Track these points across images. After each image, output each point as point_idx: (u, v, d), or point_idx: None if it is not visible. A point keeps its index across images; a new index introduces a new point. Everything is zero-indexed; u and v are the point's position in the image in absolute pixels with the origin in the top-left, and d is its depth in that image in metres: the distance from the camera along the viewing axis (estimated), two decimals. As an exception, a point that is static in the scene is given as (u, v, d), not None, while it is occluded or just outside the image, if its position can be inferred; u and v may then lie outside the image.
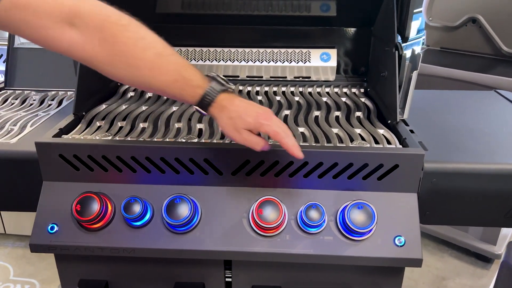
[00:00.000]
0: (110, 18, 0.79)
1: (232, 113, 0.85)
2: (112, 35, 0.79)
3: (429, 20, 2.15)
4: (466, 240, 2.32)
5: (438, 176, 0.99)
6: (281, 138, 0.85)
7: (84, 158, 1.00)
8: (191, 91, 0.84)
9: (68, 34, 0.78)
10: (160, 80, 0.83)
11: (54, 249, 1.00)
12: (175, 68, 0.83)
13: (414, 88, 1.14)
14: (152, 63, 0.81)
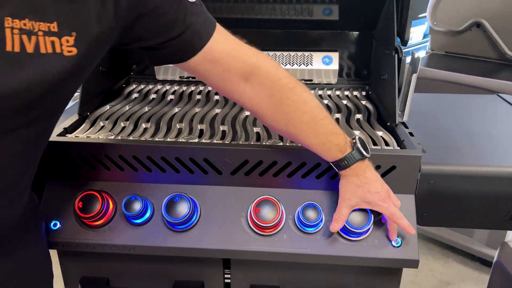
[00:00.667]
0: (281, 81, 0.88)
1: (359, 183, 0.92)
2: (280, 96, 0.88)
3: (433, 24, 2.15)
4: (471, 245, 2.31)
5: (435, 178, 1.00)
6: (397, 219, 0.93)
7: (87, 156, 1.02)
8: (334, 154, 0.92)
9: (243, 87, 0.88)
10: (310, 141, 0.92)
11: (56, 246, 1.02)
12: (325, 133, 0.91)
13: (413, 91, 1.15)
14: (307, 126, 0.90)
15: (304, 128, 0.90)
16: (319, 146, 0.92)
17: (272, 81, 0.88)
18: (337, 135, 0.92)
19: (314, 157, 0.98)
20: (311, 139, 0.91)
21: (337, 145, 0.91)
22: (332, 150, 0.91)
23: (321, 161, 0.99)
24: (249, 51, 0.88)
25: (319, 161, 0.99)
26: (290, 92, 0.89)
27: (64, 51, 0.64)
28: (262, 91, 0.88)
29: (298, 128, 0.90)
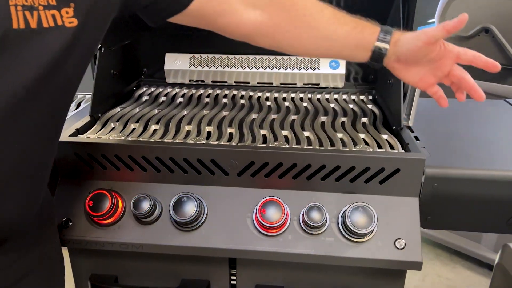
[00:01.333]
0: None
1: (411, 34, 0.86)
2: (292, 3, 0.86)
3: (442, 30, 2.16)
4: (478, 251, 2.30)
5: (439, 181, 1.01)
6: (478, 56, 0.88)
7: (98, 157, 1.05)
8: (370, 30, 0.86)
9: (254, 15, 0.85)
10: (341, 31, 0.86)
11: (67, 243, 1.05)
12: (350, 19, 0.87)
13: (419, 95, 1.16)
14: (331, 19, 0.86)
15: (330, 22, 0.86)
16: (353, 31, 0.86)
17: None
18: (360, 18, 0.88)
19: (319, 159, 1.00)
20: (342, 28, 0.86)
21: (367, 22, 0.87)
22: (367, 27, 0.86)
23: (326, 163, 1.01)
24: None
25: (324, 163, 1.01)
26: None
27: (65, 22, 0.65)
28: (273, 8, 0.85)
29: (324, 26, 0.86)
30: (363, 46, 0.88)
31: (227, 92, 1.50)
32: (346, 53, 0.92)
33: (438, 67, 0.89)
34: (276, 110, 1.35)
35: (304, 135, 1.16)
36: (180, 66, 1.55)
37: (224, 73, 1.54)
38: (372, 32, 0.87)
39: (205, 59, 1.54)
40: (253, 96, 1.47)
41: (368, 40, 0.87)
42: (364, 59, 0.90)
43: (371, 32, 0.87)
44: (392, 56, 0.88)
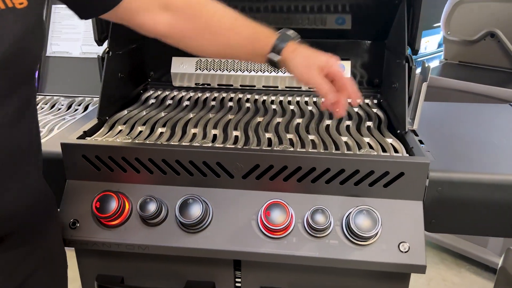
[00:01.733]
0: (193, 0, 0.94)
1: (305, 52, 0.94)
2: (198, 10, 0.94)
3: (447, 34, 2.16)
4: (484, 255, 2.29)
5: (443, 185, 1.02)
6: (345, 79, 0.95)
7: (105, 159, 1.07)
8: (265, 41, 0.94)
9: (166, 18, 0.93)
10: (238, 38, 0.95)
11: (74, 244, 1.07)
12: (249, 25, 0.95)
13: (423, 99, 1.17)
14: (230, 26, 0.94)
15: (228, 28, 0.94)
16: (248, 39, 0.94)
17: (186, 2, 0.93)
18: (261, 25, 0.95)
19: (323, 162, 1.01)
20: (239, 36, 0.94)
21: (265, 32, 0.94)
22: (263, 37, 0.94)
23: (331, 166, 1.01)
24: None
25: (328, 167, 1.01)
26: (204, 5, 0.94)
27: (15, 4, 0.68)
28: (181, 14, 0.92)
29: (223, 32, 0.94)
30: (259, 54, 0.96)
31: (233, 95, 1.52)
32: (245, 57, 1.01)
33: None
34: (281, 113, 1.36)
35: (309, 138, 1.17)
36: (187, 70, 1.56)
37: (230, 77, 1.56)
38: (265, 43, 0.94)
39: (211, 62, 1.56)
40: (259, 100, 1.49)
41: (261, 50, 0.94)
42: (262, 62, 0.98)
43: (265, 44, 0.94)
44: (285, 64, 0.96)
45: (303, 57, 0.93)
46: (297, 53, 0.93)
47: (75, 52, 1.65)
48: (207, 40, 0.96)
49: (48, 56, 1.64)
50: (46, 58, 1.64)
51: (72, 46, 1.65)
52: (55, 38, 1.66)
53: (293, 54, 0.93)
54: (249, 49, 0.95)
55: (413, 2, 1.24)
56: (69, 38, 1.66)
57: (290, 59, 0.93)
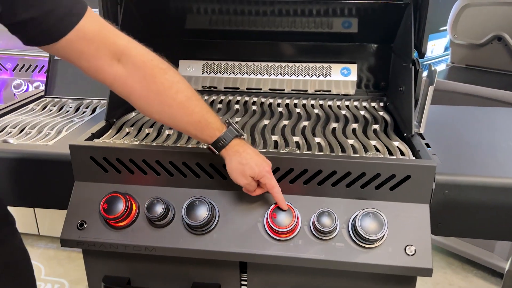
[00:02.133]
0: (153, 62, 0.91)
1: (243, 160, 0.95)
2: (153, 76, 0.90)
3: (454, 37, 2.16)
4: (491, 260, 2.27)
5: (450, 188, 1.01)
6: (275, 192, 0.98)
7: (113, 160, 1.08)
8: (210, 133, 0.95)
9: (116, 68, 0.89)
10: (186, 119, 0.94)
11: (82, 245, 1.07)
12: (200, 111, 0.94)
13: (430, 102, 1.17)
14: (182, 104, 0.93)
15: (180, 106, 0.92)
16: (196, 125, 0.94)
17: (144, 62, 0.90)
18: (212, 114, 0.95)
19: (330, 165, 1.02)
20: (188, 117, 0.93)
21: (213, 123, 0.94)
22: (209, 128, 0.94)
23: (337, 169, 1.02)
24: (120, 33, 0.90)
25: (335, 169, 1.02)
26: (163, 72, 0.91)
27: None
28: (135, 71, 0.89)
29: (174, 107, 0.92)
30: (202, 140, 0.98)
31: (239, 98, 1.52)
32: (188, 134, 1.00)
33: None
34: (287, 116, 1.37)
35: (315, 141, 1.17)
36: (194, 73, 1.57)
37: (236, 80, 1.56)
38: (210, 135, 0.95)
39: (218, 65, 1.57)
40: (265, 102, 1.49)
41: (205, 138, 0.96)
42: (204, 143, 0.99)
43: (209, 135, 0.95)
44: None
45: (240, 164, 0.95)
46: (235, 158, 0.95)
47: (83, 55, 1.66)
48: (156, 108, 0.93)
49: (56, 59, 1.66)
50: (55, 60, 1.66)
51: (81, 49, 1.66)
52: (63, 41, 1.68)
53: (231, 157, 0.95)
54: (195, 132, 0.96)
55: (420, 6, 1.24)
56: (78, 41, 1.67)
57: (227, 161, 0.96)
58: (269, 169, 0.97)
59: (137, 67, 0.90)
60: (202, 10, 1.46)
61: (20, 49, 2.34)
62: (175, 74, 0.93)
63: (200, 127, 0.94)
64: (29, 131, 1.28)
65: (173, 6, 1.46)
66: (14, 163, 1.15)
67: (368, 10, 1.40)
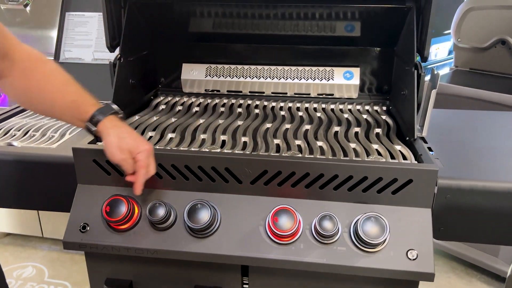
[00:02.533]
0: (34, 56, 0.99)
1: (122, 133, 0.98)
2: (33, 66, 0.98)
3: (457, 41, 2.16)
4: (495, 265, 2.25)
5: (452, 192, 1.01)
6: (141, 173, 0.97)
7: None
8: (87, 108, 0.98)
9: (2, 65, 0.95)
10: (63, 101, 0.98)
11: (84, 247, 1.08)
12: (77, 91, 1.00)
13: (433, 106, 1.16)
14: (59, 88, 0.99)
15: (58, 90, 0.98)
16: (72, 103, 0.98)
17: (27, 56, 0.97)
18: (89, 95, 1.00)
19: (332, 169, 1.02)
20: (65, 99, 0.97)
21: (90, 100, 0.99)
22: (86, 105, 0.98)
23: (339, 173, 1.02)
24: (7, 33, 0.94)
25: (336, 173, 1.02)
26: (43, 63, 0.98)
27: None
28: (18, 64, 0.95)
29: (53, 93, 0.97)
30: (79, 119, 0.99)
31: (242, 101, 1.53)
32: (69, 120, 1.04)
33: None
34: (290, 119, 1.37)
35: (317, 144, 1.17)
36: (197, 76, 1.58)
37: (239, 83, 1.57)
38: (86, 111, 0.98)
39: (221, 69, 1.57)
40: (268, 106, 1.50)
41: (82, 117, 0.99)
42: (82, 127, 1.01)
43: (85, 111, 0.98)
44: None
45: (117, 137, 0.97)
46: (113, 131, 0.97)
47: (87, 58, 1.67)
48: (37, 96, 0.99)
49: (61, 62, 1.67)
50: (59, 64, 1.67)
51: (85, 53, 1.68)
52: (68, 45, 1.69)
53: (108, 130, 0.97)
54: (72, 113, 0.98)
55: (422, 10, 1.24)
56: (82, 44, 1.68)
57: (105, 135, 0.98)
58: (148, 149, 0.98)
59: (20, 61, 0.96)
60: (205, 13, 1.47)
61: (25, 52, 2.35)
62: (54, 64, 1.01)
63: (76, 106, 0.98)
64: (33, 134, 1.29)
65: (176, 10, 1.47)
66: (18, 165, 1.16)
67: (371, 14, 1.41)
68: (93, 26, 1.70)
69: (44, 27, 2.38)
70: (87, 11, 1.71)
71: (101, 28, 1.61)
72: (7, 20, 2.43)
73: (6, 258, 2.53)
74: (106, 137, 0.97)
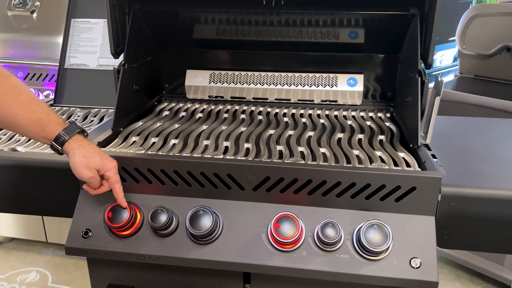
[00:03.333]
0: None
1: (88, 153, 0.99)
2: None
3: (462, 48, 2.15)
4: (501, 273, 2.23)
5: (456, 200, 1.00)
6: (118, 188, 1.02)
7: (118, 169, 1.08)
8: (52, 128, 0.98)
9: None
10: (27, 118, 0.97)
11: (86, 253, 1.08)
12: (42, 110, 0.98)
13: (436, 113, 1.16)
14: (24, 103, 0.96)
15: (21, 106, 0.95)
16: (37, 122, 0.96)
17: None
18: (54, 113, 0.99)
19: (334, 176, 1.01)
20: (29, 115, 0.96)
21: (55, 119, 0.98)
22: (51, 124, 0.97)
23: (341, 180, 1.01)
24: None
25: (339, 180, 1.01)
26: (5, 76, 0.95)
27: None
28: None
29: (14, 107, 0.95)
30: (43, 137, 0.99)
31: (246, 108, 1.53)
32: (29, 135, 1.03)
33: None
34: (293, 126, 1.37)
35: (320, 151, 1.17)
36: (200, 82, 1.58)
37: (243, 89, 1.57)
38: (52, 131, 0.97)
39: (225, 75, 1.58)
40: (271, 112, 1.49)
41: (47, 135, 0.98)
42: (47, 144, 1.00)
43: (51, 131, 0.97)
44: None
45: (84, 157, 0.98)
46: (78, 151, 0.98)
47: (92, 64, 1.69)
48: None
49: (66, 68, 1.68)
50: (64, 70, 1.68)
51: (89, 59, 1.69)
52: (73, 51, 1.71)
53: (74, 150, 0.98)
54: (37, 131, 0.98)
55: (426, 17, 1.24)
56: (87, 50, 1.70)
57: (71, 155, 0.98)
58: (115, 165, 1.01)
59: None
60: (209, 20, 1.47)
61: (32, 59, 2.37)
62: (18, 80, 0.98)
63: (42, 124, 0.97)
64: (37, 139, 1.29)
65: (180, 17, 1.48)
66: (22, 171, 1.16)
67: (375, 21, 1.41)
68: (98, 32, 1.71)
69: (50, 33, 2.40)
70: (93, 18, 1.72)
71: (106, 34, 1.63)
72: (14, 26, 2.46)
73: (10, 262, 2.54)
74: (72, 157, 0.98)
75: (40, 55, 2.36)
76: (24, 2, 2.42)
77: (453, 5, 2.78)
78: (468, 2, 3.08)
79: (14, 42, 2.45)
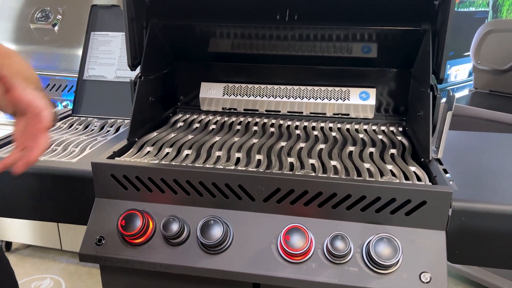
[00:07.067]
0: None
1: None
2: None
3: (477, 63, 2.15)
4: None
5: (467, 215, 1.00)
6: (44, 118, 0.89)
7: (132, 178, 1.11)
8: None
9: None
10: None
11: (99, 260, 1.10)
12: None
13: (448, 128, 1.16)
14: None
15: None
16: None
17: None
18: None
19: (345, 189, 1.02)
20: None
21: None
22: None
23: (352, 193, 1.02)
24: None
25: (349, 193, 1.02)
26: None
27: None
28: None
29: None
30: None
31: (258, 120, 1.55)
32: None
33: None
34: (304, 138, 1.38)
35: (331, 164, 1.18)
36: (214, 95, 1.61)
37: (256, 102, 1.59)
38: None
39: (238, 88, 1.60)
40: (283, 125, 1.51)
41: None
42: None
43: None
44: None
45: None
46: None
47: (109, 76, 1.73)
48: None
49: (84, 79, 1.73)
50: (83, 81, 1.73)
51: (107, 71, 1.74)
52: (92, 63, 1.76)
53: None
54: None
55: (438, 32, 1.25)
56: (105, 63, 1.74)
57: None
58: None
59: None
60: (224, 35, 1.51)
61: (52, 70, 2.45)
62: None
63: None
64: (55, 148, 1.33)
65: (197, 31, 1.52)
66: (40, 178, 1.20)
67: (388, 36, 1.42)
68: (116, 45, 1.76)
69: (70, 46, 2.47)
70: (111, 31, 1.77)
71: (124, 47, 1.67)
72: (36, 39, 2.54)
73: (25, 269, 2.58)
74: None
75: (60, 66, 2.43)
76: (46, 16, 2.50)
77: (468, 20, 2.78)
78: (483, 18, 3.07)
79: (36, 54, 2.53)
